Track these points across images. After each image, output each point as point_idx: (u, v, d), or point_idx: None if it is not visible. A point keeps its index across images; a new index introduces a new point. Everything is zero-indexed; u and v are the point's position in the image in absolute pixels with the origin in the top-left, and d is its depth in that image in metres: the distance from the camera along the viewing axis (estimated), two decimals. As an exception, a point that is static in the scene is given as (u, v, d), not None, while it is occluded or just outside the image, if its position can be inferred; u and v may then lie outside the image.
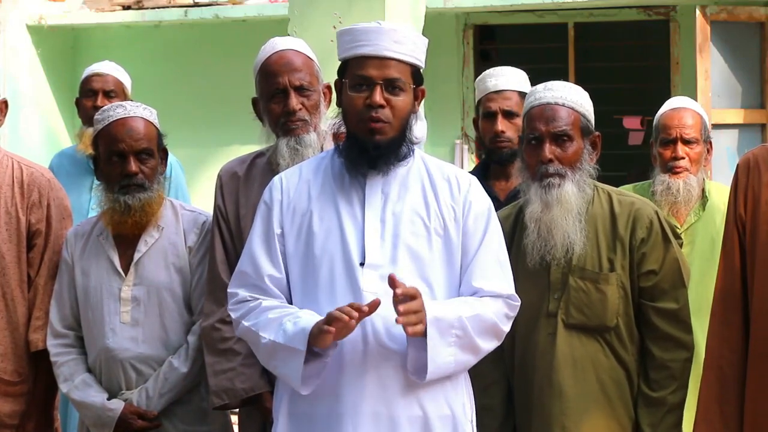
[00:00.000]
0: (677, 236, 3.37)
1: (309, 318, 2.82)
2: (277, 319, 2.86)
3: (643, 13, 8.61)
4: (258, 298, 2.93)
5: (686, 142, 4.12)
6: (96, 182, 3.71)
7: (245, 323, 2.91)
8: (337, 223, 2.92)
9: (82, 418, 3.59)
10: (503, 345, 3.34)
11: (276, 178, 3.04)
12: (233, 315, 2.96)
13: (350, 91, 2.92)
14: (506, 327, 2.96)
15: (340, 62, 2.99)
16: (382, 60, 2.90)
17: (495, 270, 2.96)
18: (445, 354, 2.83)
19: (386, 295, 2.80)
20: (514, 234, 3.37)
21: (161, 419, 3.50)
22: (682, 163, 4.10)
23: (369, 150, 2.90)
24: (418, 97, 2.99)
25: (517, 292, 3.01)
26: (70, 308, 3.59)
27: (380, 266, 2.87)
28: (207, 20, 8.75)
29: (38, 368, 3.68)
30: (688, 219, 4.12)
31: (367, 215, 2.91)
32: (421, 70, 2.99)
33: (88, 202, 4.67)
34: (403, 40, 2.92)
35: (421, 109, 3.15)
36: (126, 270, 3.54)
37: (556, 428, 3.23)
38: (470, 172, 4.35)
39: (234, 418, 3.64)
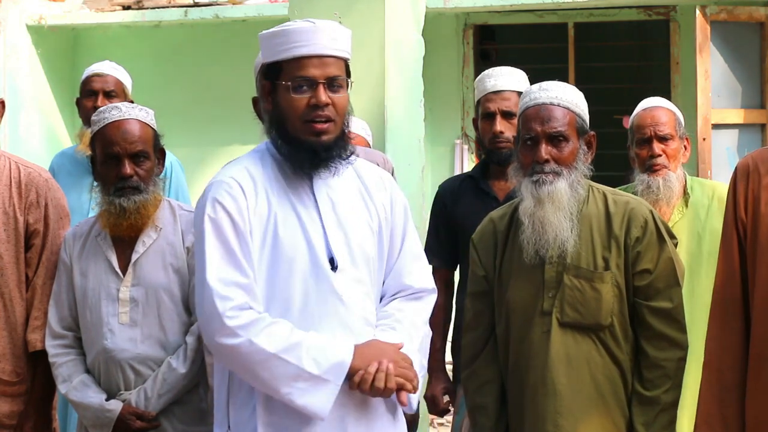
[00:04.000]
0: (672, 236, 3.37)
1: (335, 348, 2.81)
2: (300, 345, 2.80)
3: (643, 13, 8.61)
4: (252, 309, 2.84)
5: (661, 139, 4.14)
6: (96, 183, 3.70)
7: (257, 341, 2.78)
8: (300, 228, 2.90)
9: (81, 418, 3.59)
10: (497, 344, 3.36)
11: (231, 182, 2.92)
12: (231, 322, 2.80)
13: (292, 93, 2.88)
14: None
15: (268, 65, 2.94)
16: (321, 58, 2.88)
17: (419, 264, 3.06)
18: (419, 388, 2.97)
19: (358, 299, 2.87)
20: (509, 233, 3.37)
21: (160, 419, 3.49)
22: (660, 160, 4.12)
23: (319, 152, 2.88)
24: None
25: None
26: (69, 309, 3.59)
27: (347, 269, 2.89)
28: (207, 20, 8.76)
29: (36, 368, 3.68)
30: (673, 217, 4.13)
31: (324, 218, 2.91)
32: (348, 62, 2.98)
33: (88, 202, 4.67)
34: (338, 36, 2.92)
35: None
36: (124, 271, 3.53)
37: (549, 426, 3.23)
38: (469, 172, 4.37)
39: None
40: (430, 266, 3.43)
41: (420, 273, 3.05)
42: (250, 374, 2.85)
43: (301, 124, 2.88)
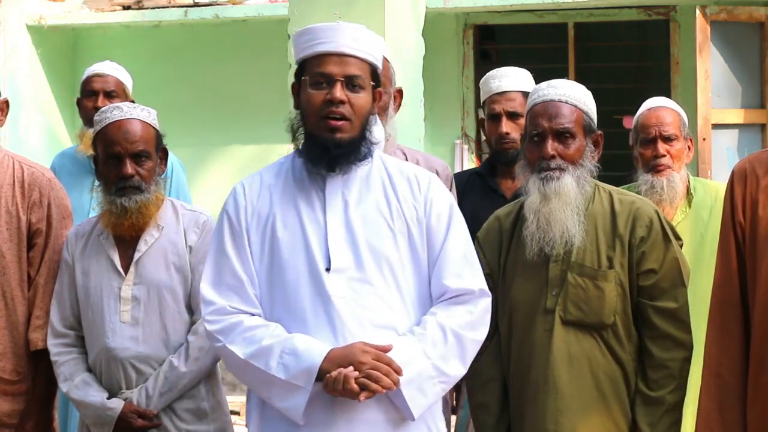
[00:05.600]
0: (677, 236, 3.37)
1: (308, 352, 2.79)
2: (271, 350, 2.82)
3: (643, 13, 8.61)
4: (237, 311, 2.89)
5: (666, 140, 4.14)
6: (97, 182, 3.71)
7: (231, 347, 2.86)
8: (299, 228, 2.91)
9: (82, 417, 3.60)
10: (500, 342, 3.35)
11: (238, 186, 3.03)
12: (210, 327, 2.90)
13: (310, 88, 2.91)
14: (483, 328, 2.96)
15: (297, 64, 2.98)
16: (342, 57, 2.90)
17: (462, 266, 2.96)
18: (431, 397, 2.88)
19: (354, 299, 2.83)
20: (514, 231, 3.37)
21: (161, 418, 3.50)
22: (664, 161, 4.12)
23: (330, 148, 2.89)
24: (376, 98, 2.98)
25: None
26: (71, 308, 3.60)
27: (345, 270, 2.87)
28: (207, 20, 8.75)
29: (37, 367, 3.69)
30: (676, 217, 4.13)
31: (329, 219, 2.91)
32: (379, 71, 2.98)
33: (89, 202, 4.67)
34: (361, 37, 2.93)
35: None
36: (126, 269, 3.54)
37: (549, 424, 3.23)
38: (477, 170, 4.37)
39: (234, 418, 3.64)
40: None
41: (460, 275, 2.94)
42: (237, 376, 2.94)
43: (317, 120, 2.90)
